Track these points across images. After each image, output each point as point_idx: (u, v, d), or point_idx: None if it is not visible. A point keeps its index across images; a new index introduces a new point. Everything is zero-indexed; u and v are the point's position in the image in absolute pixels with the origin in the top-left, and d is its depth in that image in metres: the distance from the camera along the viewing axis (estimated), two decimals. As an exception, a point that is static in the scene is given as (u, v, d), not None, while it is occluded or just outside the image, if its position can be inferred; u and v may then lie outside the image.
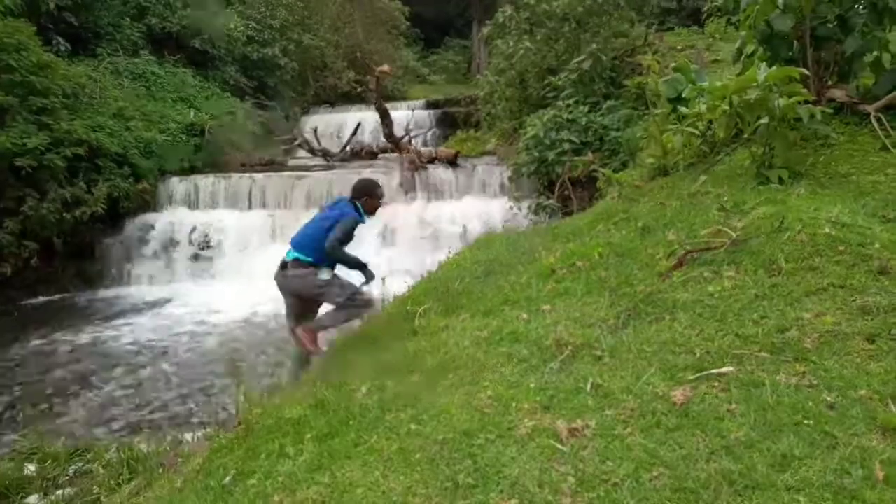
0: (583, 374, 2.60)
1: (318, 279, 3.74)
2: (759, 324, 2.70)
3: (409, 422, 2.49)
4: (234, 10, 15.15)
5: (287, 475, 2.32)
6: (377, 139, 13.68)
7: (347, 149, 13.16)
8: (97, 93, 10.44)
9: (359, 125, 14.04)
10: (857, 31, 4.37)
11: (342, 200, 4.19)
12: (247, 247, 9.67)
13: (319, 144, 13.36)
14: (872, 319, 2.57)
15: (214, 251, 9.76)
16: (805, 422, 2.09)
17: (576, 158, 7.94)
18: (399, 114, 14.53)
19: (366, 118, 14.33)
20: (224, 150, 11.94)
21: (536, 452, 2.15)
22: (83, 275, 9.66)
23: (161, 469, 3.10)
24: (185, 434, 4.18)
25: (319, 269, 3.76)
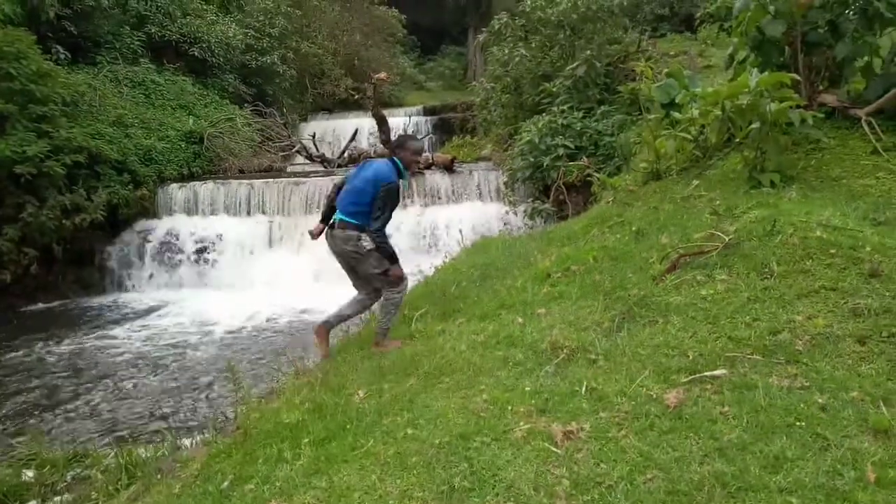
0: (577, 378, 2.62)
1: (360, 244, 3.61)
2: (752, 326, 2.72)
3: (406, 426, 2.51)
4: (233, 19, 15.23)
5: (284, 480, 2.34)
6: (374, 145, 13.74)
7: (345, 155, 13.21)
8: (97, 101, 10.48)
9: (356, 131, 14.11)
10: (848, 37, 4.41)
11: (380, 160, 3.84)
12: (246, 253, 9.69)
13: (318, 151, 13.42)
14: (864, 321, 2.59)
15: (213, 257, 9.77)
16: (797, 424, 2.11)
17: (570, 163, 7.97)
18: (396, 120, 14.61)
19: (363, 125, 14.39)
20: (223, 157, 11.99)
21: (532, 455, 2.17)
22: (83, 281, 9.67)
23: (159, 474, 3.10)
24: (184, 439, 4.17)
25: (363, 235, 3.61)
